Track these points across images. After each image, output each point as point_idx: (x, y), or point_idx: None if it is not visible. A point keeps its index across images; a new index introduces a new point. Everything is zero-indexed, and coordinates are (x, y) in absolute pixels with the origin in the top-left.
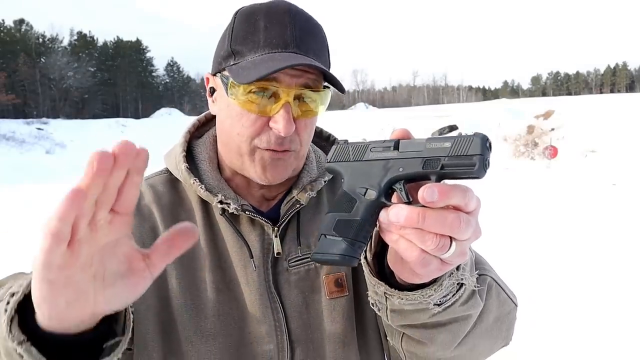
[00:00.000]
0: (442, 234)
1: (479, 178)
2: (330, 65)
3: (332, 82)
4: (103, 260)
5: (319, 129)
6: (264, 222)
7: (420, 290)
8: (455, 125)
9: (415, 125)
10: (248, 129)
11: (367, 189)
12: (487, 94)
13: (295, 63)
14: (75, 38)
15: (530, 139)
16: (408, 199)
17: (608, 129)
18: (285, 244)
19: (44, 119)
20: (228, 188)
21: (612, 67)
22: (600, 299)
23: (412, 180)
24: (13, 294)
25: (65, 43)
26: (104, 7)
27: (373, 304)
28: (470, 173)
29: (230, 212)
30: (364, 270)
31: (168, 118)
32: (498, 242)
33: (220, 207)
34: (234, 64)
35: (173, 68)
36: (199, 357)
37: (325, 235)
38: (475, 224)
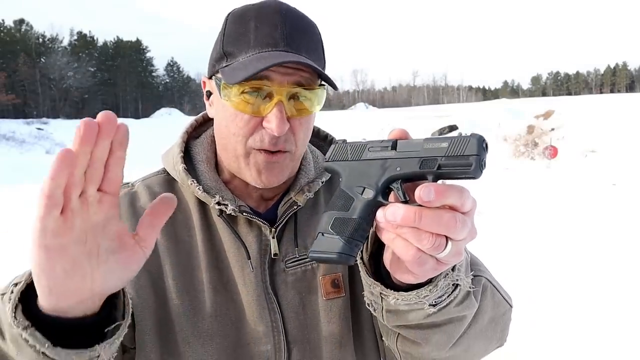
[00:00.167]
0: (438, 234)
1: (475, 178)
2: (325, 63)
3: (324, 79)
4: (96, 238)
5: (317, 129)
6: (262, 223)
7: (416, 291)
8: (455, 125)
9: (415, 125)
10: (242, 129)
11: (364, 188)
12: (487, 94)
13: (283, 60)
14: (75, 38)
15: (530, 139)
16: (405, 199)
17: (608, 129)
18: (283, 245)
19: (44, 119)
20: (226, 189)
21: (612, 67)
22: (600, 299)
23: (409, 180)
24: (16, 284)
25: (65, 43)
26: (104, 7)
27: (369, 304)
28: (467, 173)
29: (228, 213)
30: (360, 271)
31: (168, 118)
32: (498, 242)
33: (218, 208)
34: (226, 66)
35: (173, 68)
36: (196, 357)
37: (323, 234)
38: (471, 224)
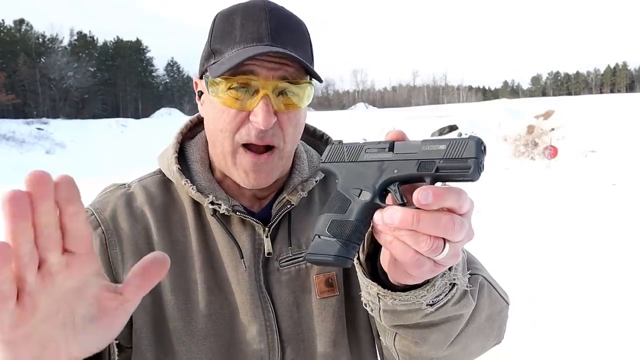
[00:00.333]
0: (436, 236)
1: (474, 181)
2: (313, 61)
3: (309, 73)
4: (70, 306)
5: (313, 128)
6: (255, 222)
7: (413, 291)
8: (455, 125)
9: (415, 125)
10: (229, 124)
11: (361, 190)
12: (487, 94)
13: (265, 51)
14: (75, 38)
15: (530, 139)
16: (402, 201)
17: (608, 129)
18: (276, 244)
19: (44, 119)
20: (219, 189)
21: (612, 67)
22: (600, 299)
23: (406, 182)
24: None
25: (65, 43)
26: (104, 7)
27: (366, 304)
28: (465, 176)
29: (221, 212)
30: (357, 271)
31: (168, 118)
32: (498, 241)
33: (212, 207)
34: (214, 63)
35: (173, 68)
36: (190, 357)
37: (319, 236)
38: (469, 226)
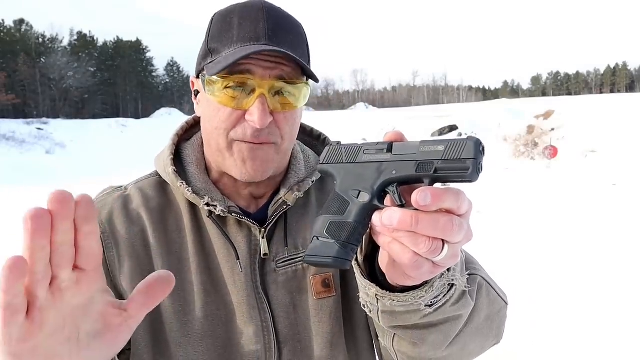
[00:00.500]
0: (434, 237)
1: (472, 182)
2: (310, 62)
3: (306, 72)
4: (75, 322)
5: (310, 128)
6: (251, 223)
7: (412, 292)
8: (455, 125)
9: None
10: (224, 123)
11: (360, 192)
12: (487, 94)
13: (261, 49)
14: (75, 38)
15: (530, 139)
16: (401, 202)
17: (608, 129)
18: (273, 245)
19: (44, 119)
20: (215, 190)
21: (612, 67)
22: (600, 299)
23: (405, 183)
24: None
25: (65, 43)
26: (104, 7)
27: (364, 305)
28: (464, 177)
29: (217, 214)
30: (355, 272)
31: (168, 118)
32: (498, 241)
33: (207, 209)
34: (210, 62)
35: (173, 68)
36: (187, 358)
37: (318, 238)
38: (467, 227)
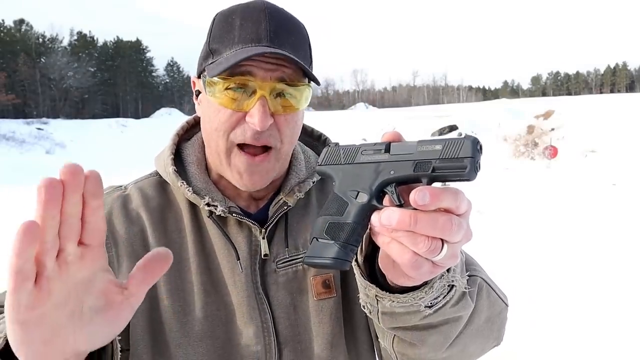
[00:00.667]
0: (434, 237)
1: (470, 180)
2: (312, 64)
3: (307, 75)
4: (79, 297)
5: (310, 129)
6: (251, 224)
7: (412, 293)
8: (455, 125)
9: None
10: (224, 124)
11: (358, 192)
12: (487, 94)
13: (262, 52)
14: (75, 38)
15: (530, 139)
16: (400, 202)
17: (608, 129)
18: (273, 246)
19: (44, 119)
20: (216, 190)
21: (612, 67)
22: (600, 299)
23: (403, 183)
24: None
25: (65, 43)
26: (104, 7)
27: (364, 306)
28: (461, 175)
29: (217, 214)
30: (355, 273)
31: (168, 118)
32: (498, 241)
33: (208, 209)
34: (212, 62)
35: (173, 68)
36: (187, 358)
37: (317, 239)
38: (467, 227)
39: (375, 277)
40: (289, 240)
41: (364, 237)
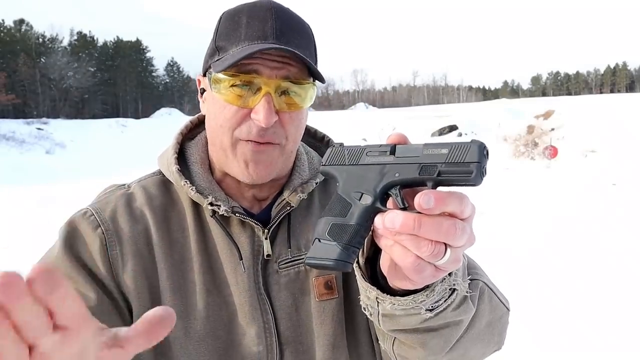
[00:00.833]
0: (437, 241)
1: (476, 185)
2: (317, 63)
3: (313, 73)
4: None
5: (314, 130)
6: (254, 224)
7: (413, 296)
8: (455, 125)
9: (415, 125)
10: (229, 121)
11: (362, 194)
12: (487, 94)
13: (267, 47)
14: (75, 38)
15: (530, 139)
16: (404, 205)
17: (608, 129)
18: (276, 246)
19: (44, 119)
20: (219, 190)
21: (612, 67)
22: (601, 299)
23: (408, 186)
24: None
25: (65, 43)
26: (104, 7)
27: (364, 308)
28: (467, 180)
29: (221, 214)
30: (356, 275)
31: (168, 118)
32: (498, 241)
33: (211, 208)
34: (217, 59)
35: (173, 68)
36: (188, 358)
37: (319, 240)
38: (470, 231)
39: (376, 279)
40: (292, 241)
41: (366, 238)
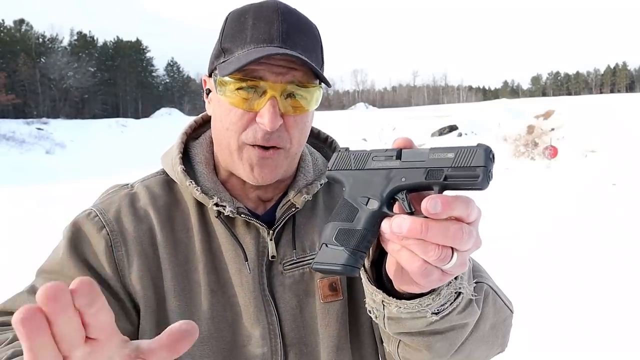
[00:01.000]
0: (444, 245)
1: (482, 189)
2: (324, 65)
3: (318, 77)
4: None
5: (317, 131)
6: (259, 225)
7: (419, 299)
8: (456, 126)
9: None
10: (235, 124)
11: (369, 199)
12: (487, 94)
13: (273, 52)
14: (75, 38)
15: (530, 139)
16: (410, 210)
17: (608, 129)
18: (281, 247)
19: (44, 119)
20: (224, 190)
21: (612, 67)
22: (601, 299)
23: (414, 190)
24: None
25: (65, 43)
26: (104, 7)
27: (370, 311)
28: (474, 184)
29: (226, 214)
30: (362, 278)
31: (168, 118)
32: (498, 242)
33: (216, 209)
34: (223, 62)
35: (173, 68)
36: (192, 359)
37: (327, 245)
38: (476, 235)
39: (382, 282)
40: (296, 242)
41: None
